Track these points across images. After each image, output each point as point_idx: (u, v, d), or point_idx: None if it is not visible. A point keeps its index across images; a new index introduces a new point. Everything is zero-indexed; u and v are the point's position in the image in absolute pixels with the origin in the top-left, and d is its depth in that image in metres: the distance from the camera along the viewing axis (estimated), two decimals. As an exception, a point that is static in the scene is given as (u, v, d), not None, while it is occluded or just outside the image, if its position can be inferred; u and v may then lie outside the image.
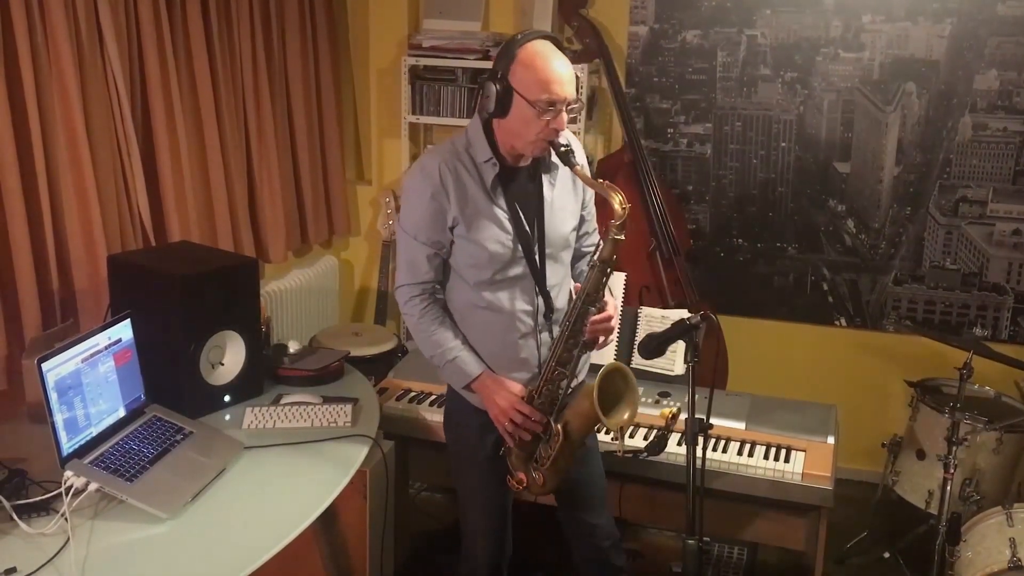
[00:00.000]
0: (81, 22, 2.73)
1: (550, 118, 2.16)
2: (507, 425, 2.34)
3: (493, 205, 2.28)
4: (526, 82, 2.15)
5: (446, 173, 2.26)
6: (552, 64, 2.15)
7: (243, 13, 3.47)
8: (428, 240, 2.31)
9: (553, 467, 2.33)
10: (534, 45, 2.17)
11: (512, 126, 2.22)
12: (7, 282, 2.61)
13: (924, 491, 3.30)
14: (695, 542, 2.03)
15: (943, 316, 3.98)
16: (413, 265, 2.35)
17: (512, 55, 2.17)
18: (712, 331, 2.22)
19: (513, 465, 2.41)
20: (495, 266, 2.30)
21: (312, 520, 2.18)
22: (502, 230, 2.29)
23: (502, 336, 2.37)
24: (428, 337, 2.37)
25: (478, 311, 2.36)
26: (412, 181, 2.33)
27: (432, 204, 2.27)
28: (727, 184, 4.08)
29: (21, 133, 2.58)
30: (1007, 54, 3.66)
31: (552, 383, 2.31)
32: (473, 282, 2.33)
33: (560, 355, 2.29)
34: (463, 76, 4.05)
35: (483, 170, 2.28)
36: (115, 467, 2.22)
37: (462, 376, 2.37)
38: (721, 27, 3.92)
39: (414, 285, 2.37)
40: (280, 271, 4.01)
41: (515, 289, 2.34)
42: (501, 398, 2.34)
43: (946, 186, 3.84)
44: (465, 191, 2.27)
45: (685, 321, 2.18)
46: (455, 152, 2.30)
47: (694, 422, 2.08)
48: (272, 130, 3.69)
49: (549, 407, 2.32)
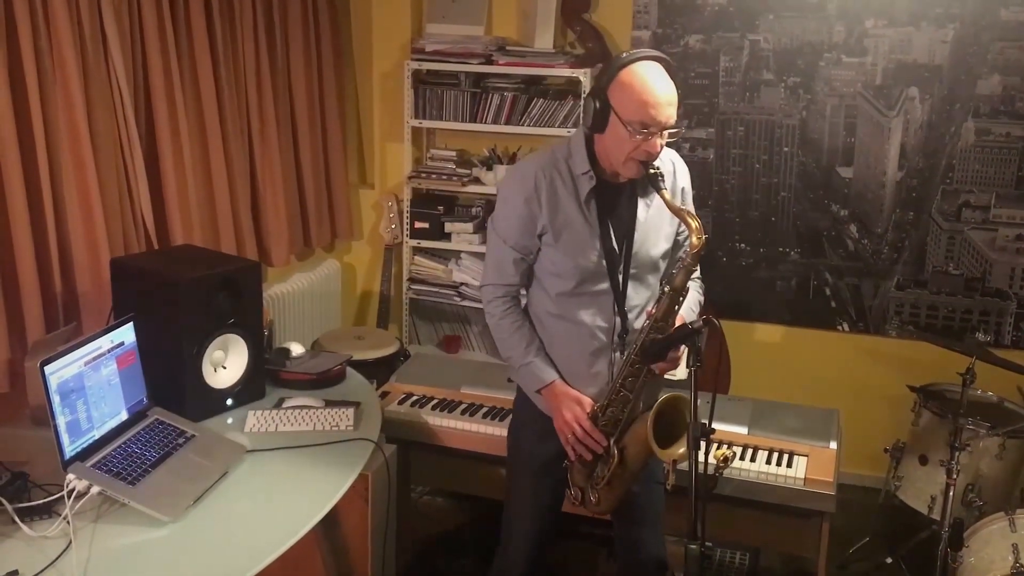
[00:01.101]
0: (85, 26, 2.73)
1: (642, 140, 2.15)
2: (568, 438, 2.34)
3: (584, 218, 2.28)
4: (622, 102, 2.14)
5: (541, 180, 2.27)
6: (651, 86, 2.13)
7: (246, 17, 3.48)
8: (516, 244, 2.32)
9: (608, 488, 2.33)
10: (638, 66, 2.16)
11: (607, 143, 2.22)
12: (10, 285, 2.61)
13: (927, 496, 3.29)
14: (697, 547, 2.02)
15: (946, 321, 3.97)
16: (500, 266, 2.37)
17: (614, 73, 2.17)
18: (714, 335, 2.22)
19: (574, 479, 2.42)
20: (578, 278, 2.30)
21: (314, 524, 2.17)
22: (590, 244, 2.29)
23: (577, 348, 2.37)
24: (507, 338, 2.39)
25: (556, 320, 2.37)
26: (508, 184, 2.35)
27: (524, 209, 2.27)
28: (730, 189, 4.08)
29: (25, 136, 2.59)
30: (1010, 59, 3.66)
31: (615, 405, 2.30)
32: (555, 292, 2.34)
33: (626, 378, 2.28)
34: (466, 80, 4.05)
35: (579, 182, 2.28)
36: (117, 470, 2.22)
37: (535, 380, 2.37)
38: (724, 32, 3.92)
39: (498, 286, 2.38)
40: (283, 274, 4.01)
41: (595, 304, 2.34)
42: (568, 409, 2.33)
43: (949, 191, 3.84)
44: (558, 201, 2.27)
45: (687, 325, 2.18)
46: (554, 161, 2.30)
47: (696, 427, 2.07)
48: (275, 133, 3.70)
49: (612, 428, 2.31)
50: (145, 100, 3.06)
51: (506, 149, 4.23)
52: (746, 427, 2.96)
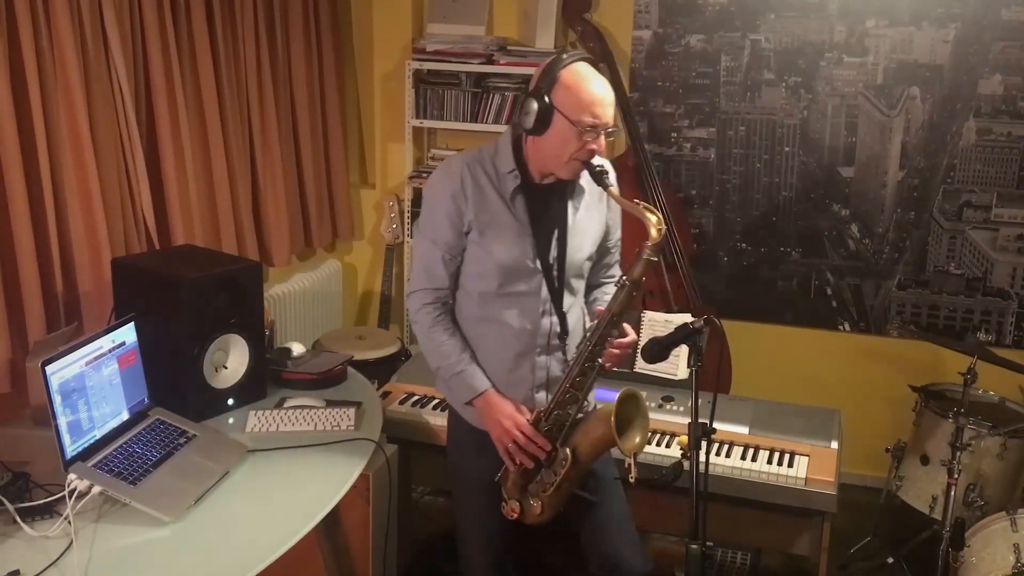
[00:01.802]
0: (86, 26, 2.73)
1: (590, 140, 2.16)
2: (509, 447, 2.28)
3: (510, 216, 2.26)
4: (569, 103, 2.14)
5: (467, 176, 2.25)
6: (595, 87, 2.15)
7: (247, 17, 3.48)
8: (445, 244, 2.28)
9: (556, 493, 2.28)
10: (579, 67, 2.17)
11: (549, 145, 2.20)
12: (11, 285, 2.61)
13: (928, 496, 3.29)
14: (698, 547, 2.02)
15: (947, 321, 3.97)
16: (430, 270, 2.32)
17: (555, 75, 2.16)
18: (715, 335, 2.23)
19: (508, 492, 2.36)
20: (500, 278, 2.27)
21: (315, 524, 2.18)
22: (515, 242, 2.26)
23: (499, 353, 2.33)
24: (437, 348, 2.33)
25: (478, 325, 2.33)
26: (434, 183, 2.32)
27: (451, 205, 2.25)
28: (731, 189, 4.08)
29: (26, 136, 2.59)
30: (1011, 59, 3.65)
31: (562, 407, 2.27)
32: (477, 293, 2.30)
33: (575, 379, 2.25)
34: (467, 80, 4.05)
35: (504, 180, 2.27)
36: (118, 470, 2.22)
37: (466, 390, 2.32)
38: (725, 32, 3.92)
39: (428, 291, 2.33)
40: (284, 275, 4.01)
41: (520, 306, 2.30)
42: (505, 418, 2.28)
43: (950, 191, 3.84)
44: (483, 196, 2.25)
45: (688, 325, 2.17)
46: (480, 159, 2.29)
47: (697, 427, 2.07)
48: (276, 134, 3.70)
49: (556, 433, 2.28)
50: (146, 100, 3.06)
51: (507, 149, 4.22)
52: (747, 427, 2.96)
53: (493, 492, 2.40)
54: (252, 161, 3.63)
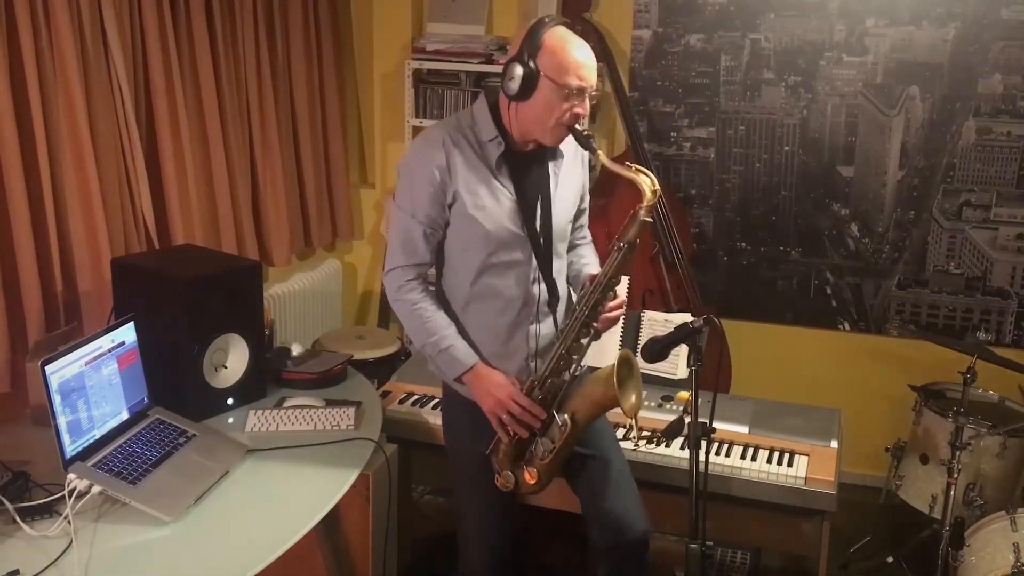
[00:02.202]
0: (85, 26, 2.73)
1: (576, 103, 2.16)
2: (504, 418, 2.26)
3: (496, 183, 2.25)
4: (554, 66, 2.13)
5: (450, 145, 2.22)
6: (579, 50, 2.16)
7: (247, 17, 3.48)
8: (426, 217, 2.25)
9: (553, 461, 2.27)
10: (560, 31, 2.18)
11: (534, 110, 2.19)
12: (11, 284, 2.61)
13: (928, 496, 3.29)
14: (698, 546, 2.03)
15: (947, 320, 3.97)
16: (409, 245, 2.28)
17: (539, 39, 2.15)
18: (715, 335, 2.22)
19: (499, 464, 2.34)
20: (490, 247, 2.25)
21: (315, 523, 2.18)
22: (502, 209, 2.25)
23: (492, 324, 2.31)
24: (422, 325, 2.29)
25: (471, 298, 2.31)
26: (414, 154, 2.28)
27: (435, 177, 2.21)
28: (730, 188, 4.08)
29: (25, 135, 2.59)
30: (1011, 58, 3.65)
31: (557, 374, 2.26)
32: (466, 266, 2.28)
33: (571, 344, 2.24)
34: (467, 80, 4.05)
35: (487, 148, 2.25)
36: (118, 470, 2.22)
37: (456, 366, 2.29)
38: (725, 31, 3.92)
39: (409, 267, 2.29)
40: (283, 274, 4.01)
41: (510, 275, 2.29)
42: (497, 389, 2.26)
43: (950, 190, 3.84)
44: (468, 166, 2.23)
45: (688, 325, 2.18)
46: (459, 127, 2.26)
47: (697, 426, 2.08)
48: (276, 133, 3.70)
49: (550, 401, 2.26)
50: (146, 100, 3.06)
51: (507, 148, 4.22)
52: (747, 426, 2.95)
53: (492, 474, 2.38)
54: (252, 161, 3.63)
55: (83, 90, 2.72)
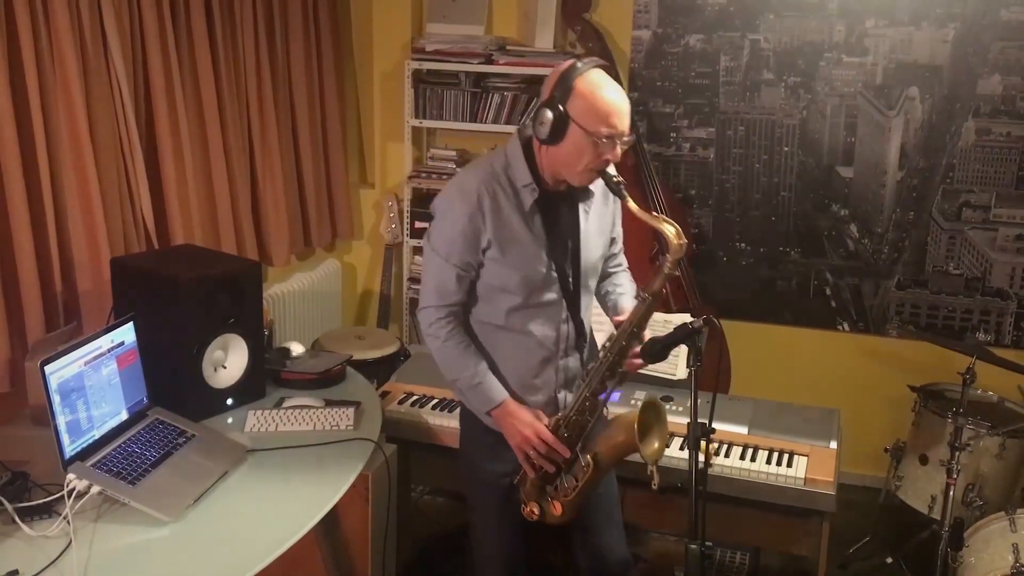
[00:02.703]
0: (85, 26, 2.73)
1: (605, 150, 2.14)
2: (530, 453, 2.29)
3: (530, 230, 2.25)
4: (585, 112, 2.11)
5: (484, 195, 2.21)
6: (612, 96, 2.12)
7: (247, 17, 3.48)
8: (460, 262, 2.26)
9: (577, 498, 2.31)
10: (594, 75, 2.13)
11: (563, 155, 2.17)
12: (10, 284, 2.61)
13: (927, 496, 3.29)
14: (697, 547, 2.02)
15: (946, 321, 3.97)
16: (442, 288, 2.29)
17: (571, 84, 2.12)
18: (715, 335, 2.22)
19: (526, 493, 2.38)
20: (526, 291, 2.27)
21: (314, 524, 2.18)
22: (536, 256, 2.26)
23: (521, 360, 2.34)
24: (453, 360, 2.32)
25: (499, 333, 2.33)
26: (449, 201, 2.26)
27: (469, 225, 2.22)
28: (730, 188, 4.08)
29: (25, 136, 2.59)
30: (1010, 59, 3.66)
31: (582, 414, 2.28)
32: (503, 307, 2.30)
33: (595, 387, 2.26)
34: (466, 80, 4.05)
35: (522, 194, 2.24)
36: (117, 470, 2.22)
37: (485, 401, 2.33)
38: (724, 31, 3.92)
39: (440, 307, 2.31)
40: (283, 274, 4.01)
41: (544, 315, 2.32)
42: (524, 426, 2.29)
43: (949, 191, 3.84)
44: (502, 214, 2.23)
45: (687, 325, 2.17)
46: (494, 174, 2.25)
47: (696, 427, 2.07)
48: (275, 133, 3.70)
49: (575, 440, 2.29)
50: (145, 100, 3.06)
51: (506, 149, 4.22)
52: (746, 427, 2.95)
53: (509, 491, 2.42)
54: (251, 161, 3.63)
55: (83, 90, 2.72)
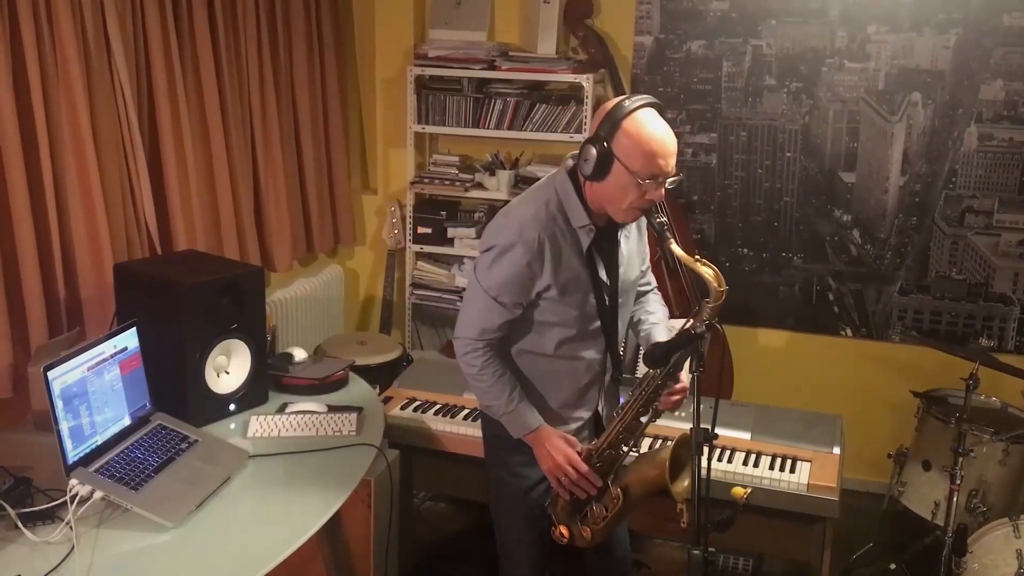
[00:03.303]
0: (89, 32, 2.74)
1: (649, 190, 2.14)
2: (563, 480, 2.30)
3: (587, 270, 2.27)
4: (630, 153, 2.09)
5: (545, 241, 2.20)
6: (658, 137, 2.10)
7: (250, 23, 3.48)
8: (511, 303, 2.25)
9: (607, 527, 2.33)
10: (642, 114, 2.11)
11: (607, 192, 2.17)
12: (13, 290, 2.61)
13: (930, 502, 3.29)
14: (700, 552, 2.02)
15: (949, 326, 3.97)
16: (486, 324, 2.28)
17: (617, 122, 2.10)
18: (717, 341, 2.22)
19: (557, 517, 2.39)
20: (579, 325, 2.30)
21: (316, 529, 2.17)
22: (593, 293, 2.29)
23: (572, 382, 2.38)
24: (489, 388, 2.32)
25: (549, 360, 2.35)
26: (506, 240, 2.21)
27: (527, 271, 2.20)
28: (732, 194, 4.08)
29: (28, 140, 2.59)
30: (1013, 64, 3.66)
31: (615, 447, 2.29)
32: (557, 339, 2.31)
33: (628, 422, 2.27)
34: (468, 86, 4.06)
35: (579, 235, 2.24)
36: (120, 475, 2.22)
37: (520, 427, 2.33)
38: (726, 37, 3.93)
39: (479, 340, 2.31)
40: (286, 280, 4.01)
41: (592, 341, 2.35)
42: (558, 453, 2.30)
43: (952, 196, 3.84)
44: (561, 257, 2.22)
45: (690, 331, 2.18)
46: (551, 216, 2.22)
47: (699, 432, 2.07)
48: (278, 139, 3.70)
49: (607, 469, 2.30)
50: (149, 105, 3.07)
51: (508, 154, 4.23)
52: (749, 432, 2.95)
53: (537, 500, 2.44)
54: (254, 166, 3.63)
55: (86, 95, 2.73)
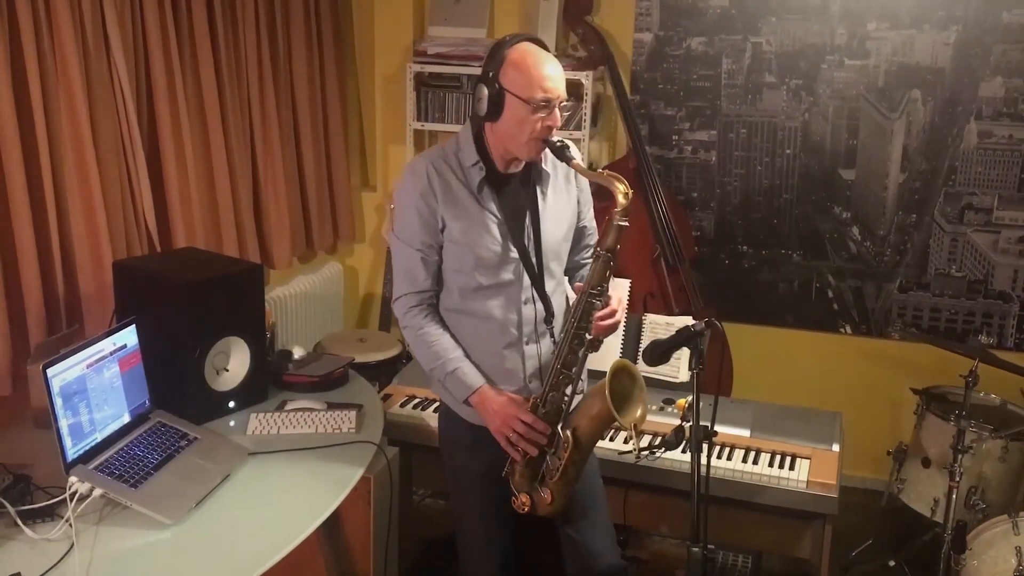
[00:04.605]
0: (87, 29, 2.74)
1: (544, 115, 2.17)
2: (511, 436, 2.27)
3: (481, 208, 2.27)
4: (519, 82, 2.15)
5: (433, 174, 2.26)
6: (543, 62, 2.16)
7: (249, 20, 3.48)
8: (423, 244, 2.29)
9: (563, 479, 2.27)
10: (523, 46, 2.19)
11: (506, 127, 2.21)
12: (13, 287, 2.61)
13: (929, 499, 3.29)
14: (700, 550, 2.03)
15: (948, 323, 3.97)
16: (410, 273, 2.32)
17: (502, 56, 2.18)
18: (717, 338, 2.22)
19: (516, 485, 2.35)
20: (481, 271, 2.28)
21: (316, 526, 2.18)
22: (489, 234, 2.27)
23: (487, 346, 2.34)
24: (428, 348, 2.33)
25: (462, 319, 2.34)
26: (402, 184, 2.32)
27: (422, 204, 2.26)
28: (732, 191, 4.08)
29: (27, 138, 2.59)
30: (1012, 61, 3.65)
31: (557, 388, 2.26)
32: (459, 288, 2.31)
33: (565, 357, 2.24)
34: (468, 83, 4.06)
35: (469, 173, 2.27)
36: (119, 473, 2.22)
37: (463, 388, 2.32)
38: (726, 34, 3.92)
39: (412, 295, 2.33)
40: (285, 277, 4.01)
41: (503, 296, 2.31)
42: (502, 407, 2.28)
43: (951, 193, 3.84)
44: (452, 193, 2.26)
45: (690, 328, 2.18)
46: (443, 155, 2.30)
47: (699, 429, 2.07)
48: (277, 136, 3.70)
49: (555, 416, 2.27)
50: (148, 103, 3.07)
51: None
52: (748, 430, 2.95)
53: (493, 488, 2.40)
54: (253, 163, 3.63)
55: (85, 93, 2.73)
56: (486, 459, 2.38)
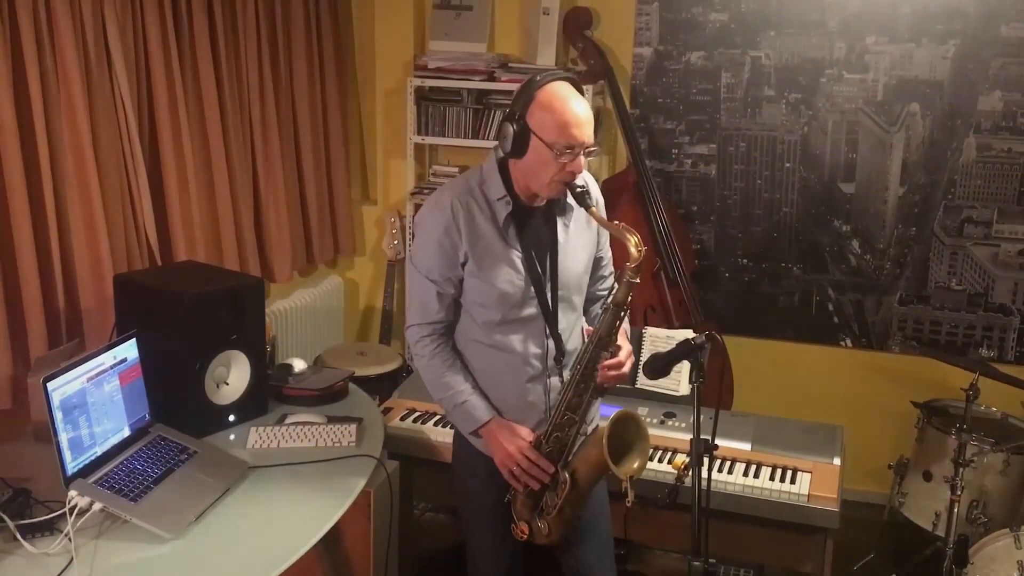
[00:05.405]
0: (89, 44, 2.75)
1: (567, 160, 2.13)
2: (514, 470, 2.28)
3: (505, 244, 2.25)
4: (544, 124, 2.11)
5: (459, 208, 2.23)
6: (571, 107, 2.11)
7: (250, 34, 3.50)
8: (440, 277, 2.27)
9: (559, 516, 2.29)
10: (553, 87, 2.13)
11: (528, 167, 2.18)
12: (13, 301, 2.61)
13: (931, 513, 3.28)
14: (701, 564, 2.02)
15: (949, 337, 3.97)
16: (424, 305, 2.31)
17: (531, 96, 2.13)
18: (717, 351, 2.22)
19: (517, 513, 2.36)
20: (505, 306, 2.27)
21: (316, 541, 2.17)
22: (513, 269, 2.25)
23: (511, 378, 2.33)
24: (438, 379, 2.33)
25: (487, 351, 2.32)
26: (425, 216, 2.30)
27: (444, 239, 2.23)
28: (732, 204, 4.08)
29: (29, 151, 2.60)
30: (1011, 75, 3.67)
31: (561, 429, 2.26)
32: (482, 322, 2.30)
33: (570, 400, 2.25)
34: (468, 97, 4.07)
35: (496, 208, 2.24)
36: (119, 487, 2.22)
37: (471, 421, 2.32)
38: (725, 48, 3.94)
39: (424, 325, 2.33)
40: (285, 291, 4.01)
41: (525, 331, 2.30)
42: (508, 443, 2.28)
43: (951, 207, 3.84)
44: (477, 228, 2.23)
45: (690, 341, 2.17)
46: (469, 188, 2.26)
47: (699, 443, 2.07)
48: (278, 150, 3.71)
49: (558, 455, 2.28)
50: (149, 117, 3.08)
51: (508, 165, 4.23)
52: (749, 443, 2.95)
53: (503, 512, 2.41)
54: (254, 177, 3.64)
55: (86, 107, 2.74)
56: (499, 485, 2.38)
